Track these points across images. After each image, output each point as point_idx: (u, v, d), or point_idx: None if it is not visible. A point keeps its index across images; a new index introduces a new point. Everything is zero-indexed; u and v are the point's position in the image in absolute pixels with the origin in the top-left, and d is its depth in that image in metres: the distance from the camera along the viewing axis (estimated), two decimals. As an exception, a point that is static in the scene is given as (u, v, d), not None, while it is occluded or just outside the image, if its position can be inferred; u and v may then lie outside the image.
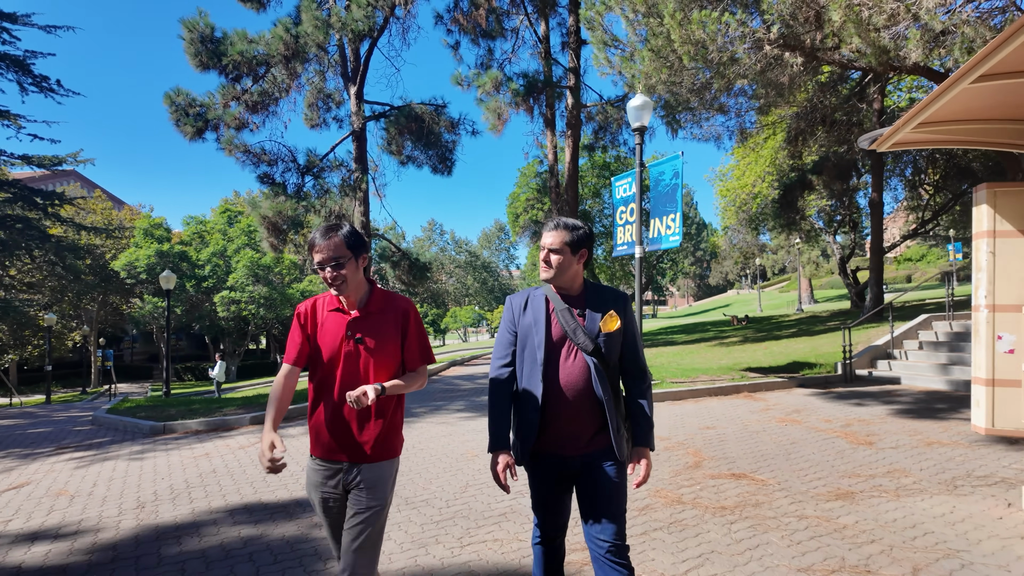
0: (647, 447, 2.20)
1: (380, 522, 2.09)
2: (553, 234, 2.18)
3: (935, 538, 3.31)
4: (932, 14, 9.18)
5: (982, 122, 3.74)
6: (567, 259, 2.17)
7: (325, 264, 2.05)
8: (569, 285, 2.22)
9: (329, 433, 2.08)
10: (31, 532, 3.96)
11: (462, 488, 4.52)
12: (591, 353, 2.14)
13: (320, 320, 2.13)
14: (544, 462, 2.18)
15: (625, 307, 2.25)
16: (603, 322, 2.18)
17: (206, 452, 6.14)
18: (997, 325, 3.70)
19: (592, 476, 2.14)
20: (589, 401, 2.13)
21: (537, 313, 2.20)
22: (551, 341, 2.17)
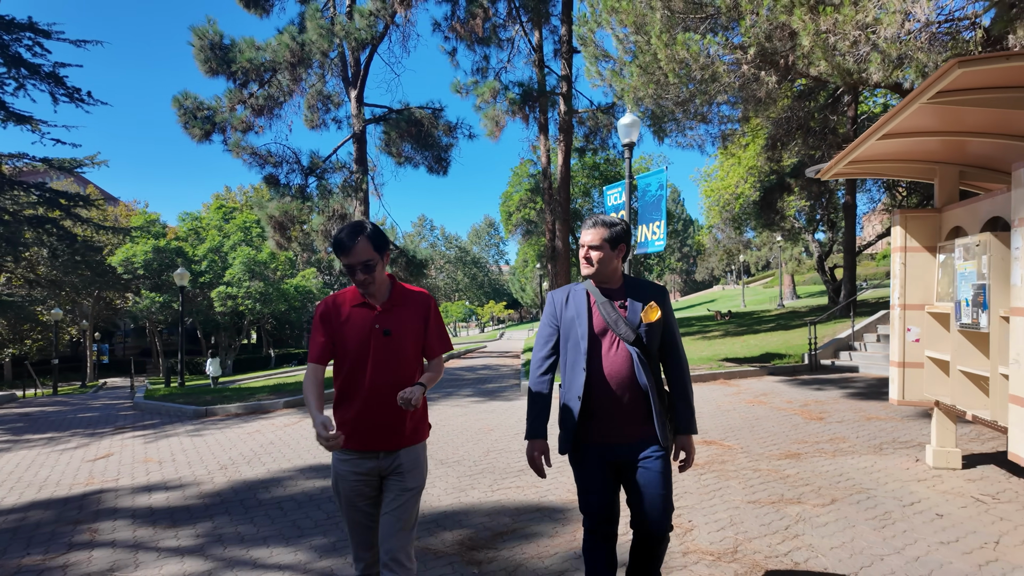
0: (690, 433, 2.27)
1: (418, 503, 2.20)
2: (592, 232, 2.25)
3: (854, 482, 4.36)
4: (889, 43, 10.27)
5: (893, 162, 4.79)
6: (607, 255, 2.25)
7: (355, 268, 2.09)
8: (609, 279, 2.30)
9: (365, 425, 2.11)
10: (144, 486, 4.92)
11: (484, 453, 5.53)
12: (633, 343, 2.21)
13: (344, 316, 2.16)
14: (590, 452, 2.23)
15: (664, 299, 2.31)
16: (644, 313, 2.24)
17: (256, 429, 7.11)
18: (907, 320, 4.76)
19: (639, 464, 2.19)
20: (632, 390, 2.19)
21: (579, 306, 2.28)
22: (594, 333, 2.24)
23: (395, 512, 2.10)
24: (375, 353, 2.11)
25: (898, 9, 9.76)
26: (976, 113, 3.68)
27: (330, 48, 18.58)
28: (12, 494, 4.98)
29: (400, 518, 2.10)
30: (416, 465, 2.18)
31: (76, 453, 6.56)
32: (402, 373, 2.13)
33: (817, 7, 10.50)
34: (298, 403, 8.71)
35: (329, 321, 2.16)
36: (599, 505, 2.23)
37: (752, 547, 3.26)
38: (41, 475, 5.60)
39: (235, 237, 38.83)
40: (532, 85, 18.52)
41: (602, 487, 2.23)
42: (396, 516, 2.10)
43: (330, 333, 2.15)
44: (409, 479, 2.15)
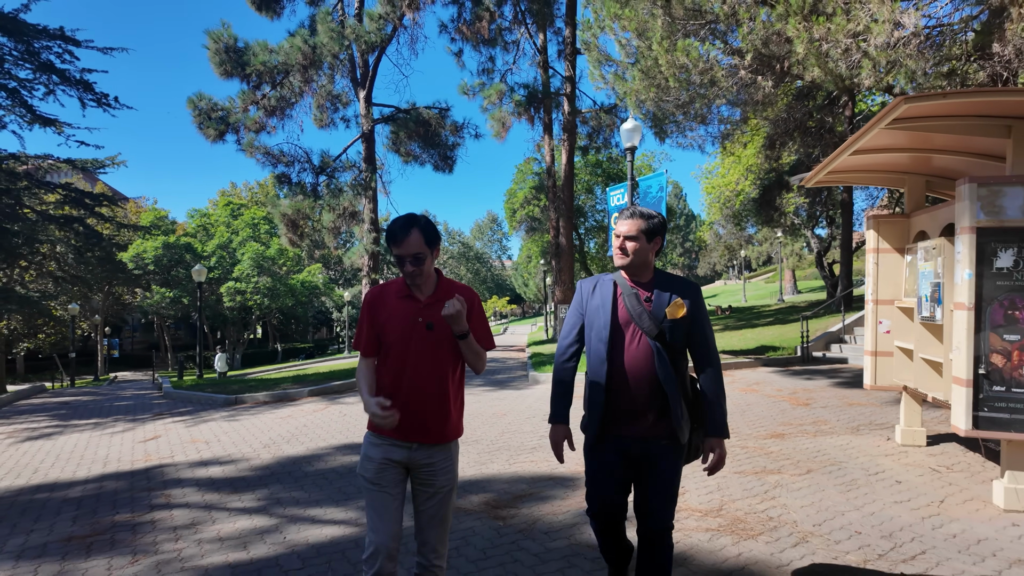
0: (721, 436, 2.23)
1: (454, 499, 2.22)
2: (629, 222, 2.25)
3: (829, 456, 4.94)
4: (879, 50, 10.79)
5: (867, 172, 5.36)
6: (642, 246, 2.24)
7: (405, 259, 2.10)
8: (641, 272, 2.30)
9: (407, 415, 2.12)
10: (199, 461, 5.53)
11: (500, 434, 6.13)
12: (655, 338, 2.20)
13: (389, 306, 2.18)
14: (604, 445, 2.25)
15: (696, 297, 2.29)
16: (669, 308, 2.23)
17: (288, 415, 7.72)
18: (879, 314, 5.33)
19: (650, 459, 2.21)
20: (651, 384, 2.18)
21: (605, 296, 2.30)
22: (617, 324, 2.25)
23: (431, 508, 2.15)
24: (416, 345, 2.13)
25: (887, 19, 10.24)
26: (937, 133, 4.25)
27: (341, 50, 19.12)
28: (82, 468, 5.60)
29: (437, 513, 2.15)
30: (451, 462, 2.21)
31: (125, 436, 7.18)
32: (443, 367, 2.16)
33: (810, 16, 10.99)
34: (323, 391, 9.33)
35: (375, 310, 2.19)
36: (606, 502, 2.28)
37: (734, 506, 3.85)
38: (100, 454, 6.22)
39: (244, 233, 39.48)
40: (537, 86, 19.05)
41: (609, 483, 2.26)
42: (433, 511, 2.15)
43: (376, 322, 2.19)
44: (441, 479, 2.17)
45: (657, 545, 2.23)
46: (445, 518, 2.19)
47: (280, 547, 3.44)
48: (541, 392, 8.94)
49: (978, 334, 3.63)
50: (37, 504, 4.53)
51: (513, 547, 3.31)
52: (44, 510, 4.37)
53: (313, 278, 43.60)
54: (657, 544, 2.22)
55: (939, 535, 3.30)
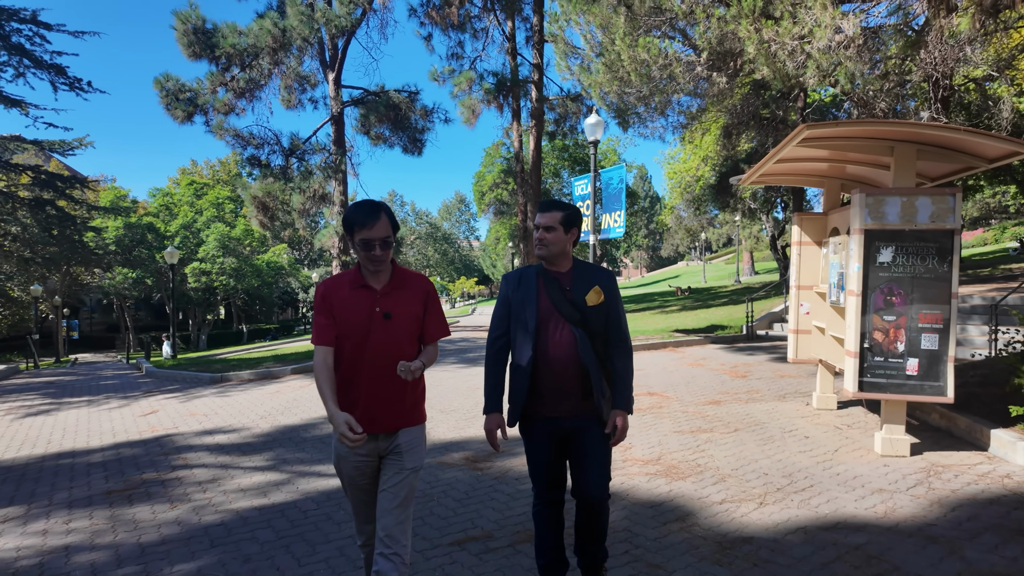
0: (624, 410, 2.40)
1: (416, 482, 2.25)
2: (548, 215, 2.39)
3: (755, 418, 5.84)
4: (821, 53, 11.69)
5: (793, 175, 6.22)
6: (560, 236, 2.39)
7: (374, 243, 2.09)
8: (560, 262, 2.45)
9: (367, 406, 2.14)
10: (203, 431, 6.13)
11: (474, 404, 6.88)
12: (577, 324, 2.36)
13: (344, 297, 2.17)
14: (538, 424, 2.42)
15: (610, 283, 2.46)
16: (588, 296, 2.38)
17: (276, 391, 8.32)
18: (801, 297, 6.22)
19: (580, 437, 2.38)
20: (576, 368, 2.34)
21: (529, 288, 2.44)
22: (541, 313, 2.39)
23: (392, 490, 2.15)
24: (375, 335, 2.14)
25: (829, 24, 11.12)
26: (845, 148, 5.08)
27: (311, 34, 19.24)
28: (93, 439, 6.15)
29: (397, 495, 2.15)
30: (414, 446, 2.24)
31: (123, 411, 7.69)
32: (401, 356, 2.17)
33: (760, 18, 11.82)
34: (305, 370, 9.92)
35: (331, 302, 2.17)
36: (546, 473, 2.44)
37: (671, 457, 4.69)
38: (105, 426, 6.75)
39: (208, 213, 39.04)
40: (506, 74, 19.56)
41: (548, 456, 2.42)
42: (393, 493, 2.15)
43: (332, 314, 2.16)
44: (407, 459, 2.20)
45: (596, 512, 2.44)
46: (406, 501, 2.19)
47: (295, 495, 4.12)
48: (510, 368, 9.72)
49: (864, 315, 4.50)
50: (65, 468, 5.10)
51: (490, 490, 4.07)
52: (74, 472, 4.95)
53: (278, 259, 43.41)
54: (596, 511, 2.44)
55: (827, 474, 4.18)
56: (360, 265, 2.21)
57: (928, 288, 4.39)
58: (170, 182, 49.33)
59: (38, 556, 3.28)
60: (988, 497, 3.59)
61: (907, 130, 4.38)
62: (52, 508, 4.05)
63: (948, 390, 4.35)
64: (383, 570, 2.08)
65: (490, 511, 3.70)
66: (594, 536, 2.52)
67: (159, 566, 3.10)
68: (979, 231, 41.75)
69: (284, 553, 3.22)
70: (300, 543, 3.33)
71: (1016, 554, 2.85)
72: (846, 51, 12.13)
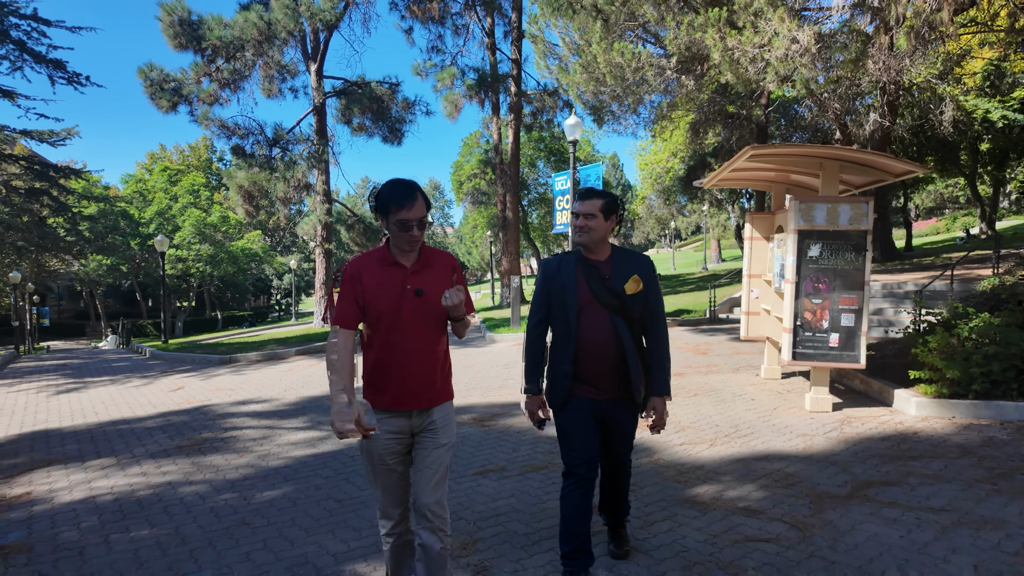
0: (663, 395, 2.51)
1: (451, 458, 2.27)
2: (588, 203, 2.43)
3: (712, 386, 6.92)
4: (779, 60, 12.81)
5: (746, 180, 7.29)
6: (599, 223, 2.43)
7: (412, 223, 2.09)
8: (599, 249, 2.49)
9: (401, 383, 2.16)
10: (237, 401, 6.98)
11: (472, 378, 7.85)
12: (616, 312, 2.41)
13: (374, 277, 2.16)
14: (577, 403, 2.49)
15: (649, 271, 2.50)
16: (627, 285, 2.41)
17: (288, 369, 9.16)
18: (752, 284, 7.32)
19: (615, 417, 2.52)
20: (614, 355, 2.41)
21: (568, 276, 2.47)
22: (581, 301, 2.43)
23: (432, 466, 2.18)
24: (408, 313, 2.15)
25: (786, 35, 12.23)
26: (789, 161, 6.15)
27: (296, 28, 19.71)
28: (138, 410, 6.94)
29: (436, 471, 2.18)
30: (447, 422, 2.27)
31: (149, 387, 8.46)
32: (434, 332, 2.21)
33: (725, 27, 12.89)
34: (310, 351, 10.74)
35: (360, 283, 2.15)
36: (581, 446, 2.48)
37: (642, 415, 5.73)
38: (142, 400, 7.54)
39: (183, 200, 38.92)
40: (486, 69, 20.34)
41: (584, 430, 2.48)
42: (433, 470, 2.18)
43: (360, 295, 2.15)
44: (442, 435, 2.23)
45: (620, 472, 2.75)
46: (443, 477, 2.22)
47: (339, 446, 5.04)
48: (499, 348, 10.71)
49: (797, 299, 5.59)
50: (126, 432, 5.92)
51: (498, 439, 5.06)
52: (137, 435, 5.77)
53: (252, 245, 43.45)
54: (621, 471, 2.75)
55: (765, 425, 5.27)
56: (388, 244, 2.21)
57: (847, 277, 5.49)
58: (139, 167, 48.81)
59: (149, 489, 4.16)
60: (882, 436, 4.72)
61: (831, 152, 5.46)
62: (138, 459, 4.90)
63: (861, 359, 5.48)
64: (429, 543, 2.13)
65: (501, 453, 4.68)
66: (618, 491, 2.75)
67: (251, 493, 4.01)
68: (933, 220, 44.11)
69: (345, 483, 4.15)
70: (357, 476, 4.27)
71: (888, 469, 3.95)
72: (802, 59, 13.28)
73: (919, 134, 20.51)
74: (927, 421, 5.06)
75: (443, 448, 2.23)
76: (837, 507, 3.36)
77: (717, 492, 3.69)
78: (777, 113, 22.38)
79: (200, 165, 51.55)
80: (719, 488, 3.76)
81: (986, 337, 5.25)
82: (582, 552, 2.49)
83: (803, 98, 18.30)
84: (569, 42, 15.71)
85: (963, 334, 5.43)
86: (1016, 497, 3.34)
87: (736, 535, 3.08)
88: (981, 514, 3.16)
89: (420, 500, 2.17)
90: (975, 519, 3.10)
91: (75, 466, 4.78)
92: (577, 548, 2.49)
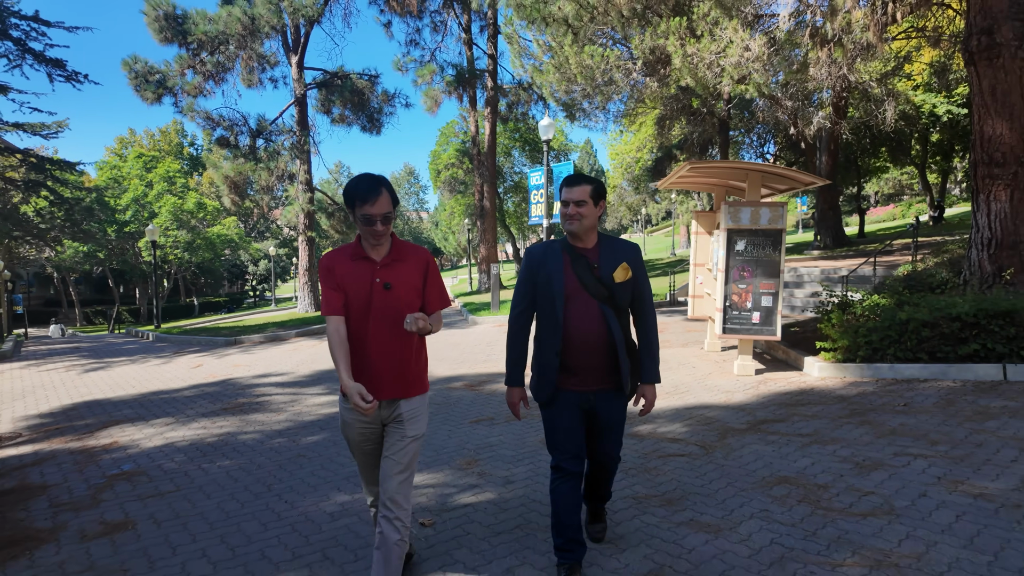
0: (652, 382, 2.53)
1: (419, 449, 2.33)
2: (578, 189, 2.41)
3: (662, 358, 8.22)
4: (732, 67, 14.10)
5: (694, 184, 8.57)
6: (590, 210, 2.42)
7: (375, 218, 2.13)
8: (587, 237, 2.47)
9: (371, 374, 2.23)
10: (257, 375, 8.07)
11: (460, 354, 9.04)
12: (604, 301, 2.41)
13: (346, 270, 2.24)
14: (565, 396, 2.48)
15: (637, 259, 2.49)
16: (616, 273, 2.41)
17: (294, 348, 10.23)
18: (697, 272, 8.63)
19: (604, 407, 2.51)
20: (602, 345, 2.41)
21: (555, 264, 2.45)
22: (568, 290, 2.42)
23: (395, 456, 2.24)
24: (376, 306, 2.21)
25: (739, 44, 13.52)
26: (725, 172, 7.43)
27: (279, 23, 20.37)
28: (170, 383, 7.98)
29: (399, 462, 2.24)
30: (416, 415, 2.32)
31: (170, 365, 9.46)
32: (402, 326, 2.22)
33: (685, 35, 14.13)
34: (309, 333, 11.78)
35: (335, 273, 2.24)
36: (568, 440, 2.47)
37: (603, 380, 7.02)
38: (169, 375, 8.56)
39: (159, 187, 39.00)
40: (463, 64, 21.29)
41: (571, 424, 2.47)
42: (395, 460, 2.24)
43: (339, 284, 2.23)
44: (409, 428, 2.28)
45: (608, 467, 2.73)
46: (408, 467, 2.28)
47: (356, 406, 6.20)
48: (481, 329, 11.91)
49: (727, 284, 6.89)
50: (168, 400, 6.98)
51: (486, 400, 6.28)
52: (180, 401, 6.84)
53: (228, 231, 43.66)
54: (609, 466, 2.73)
55: (699, 385, 6.58)
56: (360, 238, 2.27)
57: (766, 267, 6.80)
58: (107, 151, 48.46)
59: (214, 437, 5.28)
60: (786, 392, 6.06)
61: (754, 166, 6.75)
62: (193, 418, 6.00)
63: (777, 332, 6.81)
64: (386, 532, 2.20)
65: (489, 408, 5.91)
66: (604, 483, 2.80)
67: (297, 437, 5.16)
68: (891, 207, 46.44)
69: (369, 431, 5.33)
70: (378, 426, 5.45)
71: (781, 413, 5.28)
72: (754, 64, 14.61)
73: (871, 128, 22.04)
74: (824, 380, 6.43)
75: (408, 440, 2.29)
76: (737, 436, 4.66)
77: (652, 429, 4.98)
78: (737, 109, 23.79)
79: (171, 150, 51.31)
80: (654, 427, 5.04)
81: (872, 314, 6.63)
82: (575, 543, 2.54)
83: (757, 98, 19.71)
84: (543, 44, 16.83)
85: (857, 312, 6.81)
86: (860, 426, 4.68)
87: (661, 453, 4.36)
88: (832, 436, 4.49)
89: (382, 487, 2.26)
90: (827, 439, 4.43)
91: (141, 424, 5.86)
92: (570, 539, 2.53)
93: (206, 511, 3.58)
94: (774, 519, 3.14)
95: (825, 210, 21.70)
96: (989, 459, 3.75)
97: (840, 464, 3.90)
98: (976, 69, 7.23)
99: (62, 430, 5.81)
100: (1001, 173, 7.15)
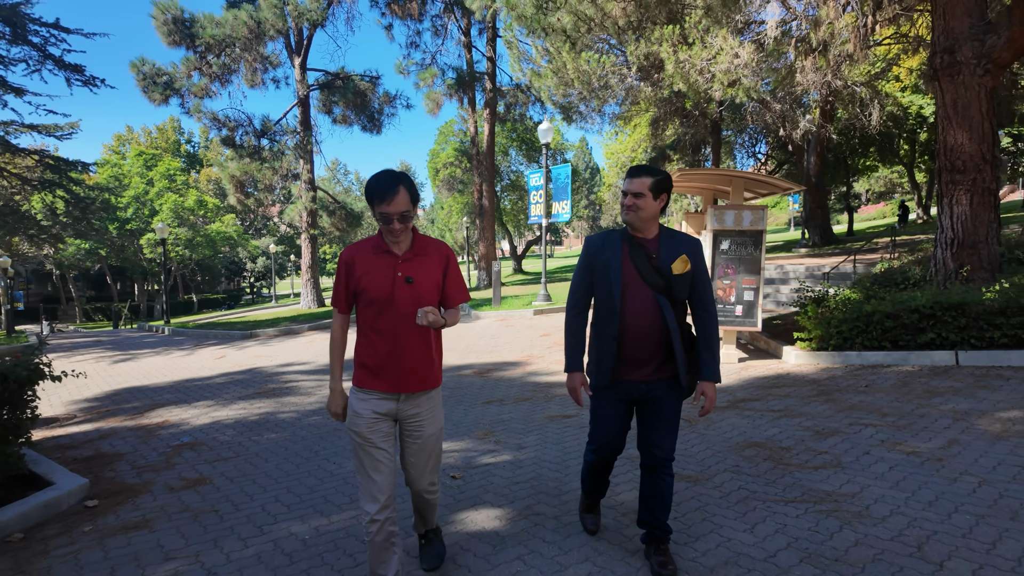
0: (712, 380, 2.48)
1: (441, 440, 2.41)
2: (638, 181, 2.41)
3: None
4: (723, 73, 14.79)
5: (686, 187, 9.26)
6: (649, 202, 2.40)
7: (392, 217, 2.16)
8: (647, 228, 2.46)
9: (389, 368, 2.26)
10: (280, 364, 8.71)
11: (466, 345, 9.70)
12: (661, 292, 2.40)
13: (368, 264, 2.27)
14: (616, 386, 2.49)
15: (697, 252, 2.47)
16: (675, 265, 2.40)
17: (309, 341, 10.87)
18: (687, 269, 9.32)
19: (656, 398, 2.48)
20: (658, 335, 2.41)
21: (614, 253, 2.46)
22: (626, 279, 2.42)
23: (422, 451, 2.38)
24: (399, 300, 2.24)
25: (728, 51, 14.20)
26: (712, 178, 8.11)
27: (285, 26, 20.95)
28: (199, 372, 8.61)
29: (429, 456, 2.38)
30: (435, 410, 2.38)
31: (195, 357, 10.08)
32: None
33: (678, 43, 14.81)
34: (320, 327, 12.41)
35: (353, 269, 2.28)
36: (611, 439, 2.57)
37: (600, 367, 7.69)
38: (196, 365, 9.18)
39: (160, 184, 39.45)
40: (463, 67, 21.92)
41: (615, 423, 2.53)
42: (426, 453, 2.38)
43: (354, 281, 2.27)
44: (429, 425, 2.35)
45: (660, 474, 2.54)
46: (438, 458, 2.37)
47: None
48: (483, 323, 12.57)
49: (712, 280, 7.58)
50: (202, 386, 7.61)
51: (495, 384, 6.95)
52: (214, 387, 7.48)
53: (227, 228, 44.13)
54: (660, 473, 2.54)
55: (687, 372, 7.26)
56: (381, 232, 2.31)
57: (748, 264, 7.49)
58: (106, 148, 48.79)
59: (256, 416, 5.93)
60: (764, 376, 6.76)
61: (737, 173, 7.44)
62: (231, 400, 6.65)
63: (758, 323, 7.51)
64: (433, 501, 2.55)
65: (498, 391, 6.58)
66: (659, 495, 2.57)
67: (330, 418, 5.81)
68: (881, 204, 47.32)
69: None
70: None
71: (758, 393, 5.97)
72: (744, 71, 15.31)
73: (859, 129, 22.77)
74: (799, 367, 7.13)
75: (433, 436, 2.40)
76: (717, 413, 5.35)
77: (644, 407, 5.66)
78: (729, 111, 24.50)
79: (169, 147, 51.70)
80: (646, 405, 5.73)
81: (843, 307, 7.33)
82: (603, 484, 2.91)
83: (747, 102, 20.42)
84: (541, 49, 17.49)
85: (831, 305, 7.51)
86: (825, 403, 5.38)
87: (651, 425, 5.05)
88: (800, 411, 5.18)
89: (416, 487, 2.42)
90: (795, 413, 5.12)
91: (185, 406, 6.51)
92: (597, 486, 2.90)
93: (268, 471, 4.24)
94: (743, 472, 3.83)
95: (813, 209, 22.44)
96: (927, 427, 4.45)
97: (803, 432, 4.59)
98: (940, 85, 7.93)
99: (113, 412, 6.44)
100: (962, 179, 7.85)
